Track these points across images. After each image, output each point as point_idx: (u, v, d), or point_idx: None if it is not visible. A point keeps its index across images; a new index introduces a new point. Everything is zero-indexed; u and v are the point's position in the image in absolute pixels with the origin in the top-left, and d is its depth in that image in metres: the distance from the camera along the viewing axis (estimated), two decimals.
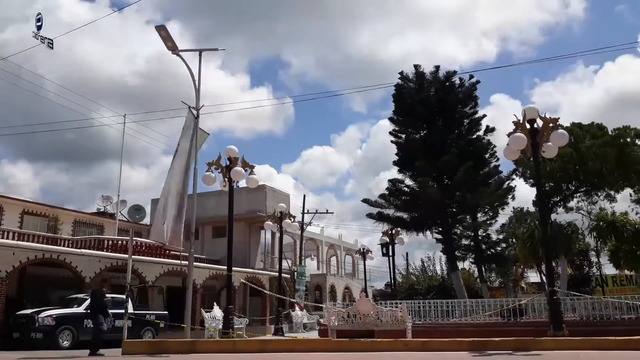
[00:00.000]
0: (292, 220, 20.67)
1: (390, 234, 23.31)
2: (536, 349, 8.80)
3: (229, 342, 11.05)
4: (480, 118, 23.25)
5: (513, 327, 13.22)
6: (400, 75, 24.03)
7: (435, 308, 15.40)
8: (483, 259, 23.64)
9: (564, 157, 22.73)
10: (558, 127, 10.84)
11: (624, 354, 8.17)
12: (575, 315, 13.95)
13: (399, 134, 23.82)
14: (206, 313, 18.67)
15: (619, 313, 13.54)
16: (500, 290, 31.70)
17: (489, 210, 23.39)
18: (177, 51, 13.31)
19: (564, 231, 19.95)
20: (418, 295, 23.76)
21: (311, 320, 25.57)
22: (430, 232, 22.90)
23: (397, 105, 23.79)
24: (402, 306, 13.00)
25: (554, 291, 10.23)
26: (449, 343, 9.65)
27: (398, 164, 23.42)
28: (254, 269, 27.83)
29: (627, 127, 26.91)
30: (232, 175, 12.91)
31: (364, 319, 12.49)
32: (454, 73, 23.40)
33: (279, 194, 30.19)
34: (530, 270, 26.48)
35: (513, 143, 10.85)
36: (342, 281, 41.64)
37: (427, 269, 33.20)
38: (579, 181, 26.44)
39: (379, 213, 23.20)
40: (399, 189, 23.21)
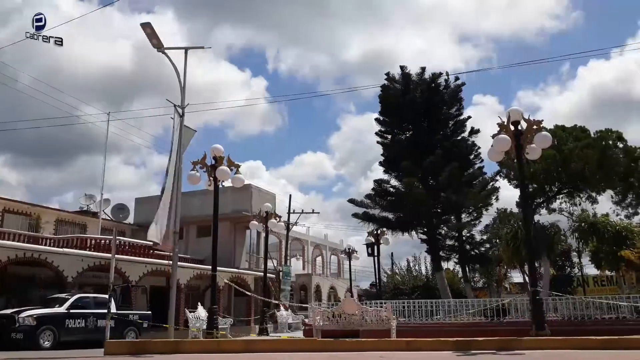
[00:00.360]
0: (278, 220, 20.63)
1: (376, 234, 23.43)
2: (519, 348, 8.89)
3: (213, 343, 10.99)
4: (465, 120, 23.46)
5: (496, 326, 13.34)
6: (386, 76, 24.14)
7: (420, 308, 15.48)
8: (467, 259, 23.84)
9: (547, 159, 23.05)
10: (541, 129, 10.97)
11: (605, 353, 8.30)
12: (557, 315, 14.13)
13: (385, 135, 23.94)
14: (190, 313, 18.54)
15: (599, 313, 13.74)
16: (483, 290, 32.00)
17: (473, 211, 23.60)
18: (163, 49, 13.19)
19: (546, 232, 20.22)
20: (403, 295, 23.86)
21: (296, 320, 25.55)
22: (416, 232, 23.04)
23: (383, 106, 23.91)
24: (387, 306, 13.05)
25: (537, 291, 10.36)
26: (433, 342, 9.71)
27: (384, 164, 23.54)
28: (239, 268, 27.73)
29: (609, 130, 27.39)
30: (217, 175, 12.83)
31: (349, 318, 12.52)
32: (439, 75, 23.56)
33: (264, 194, 30.13)
34: (513, 270, 26.77)
35: (497, 145, 10.96)
36: (328, 281, 41.69)
37: (412, 269, 33.39)
38: (562, 183, 26.82)
39: (365, 213, 23.28)
40: (384, 189, 23.33)
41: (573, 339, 9.11)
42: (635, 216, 28.01)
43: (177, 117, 12.98)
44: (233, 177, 13.34)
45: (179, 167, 12.75)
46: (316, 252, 45.44)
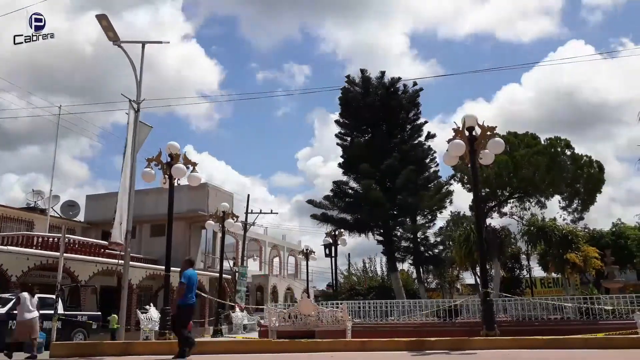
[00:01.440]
0: (235, 220, 20.39)
1: (334, 235, 23.52)
2: (470, 348, 9.11)
3: (166, 344, 10.73)
4: (422, 124, 23.94)
5: (449, 327, 13.65)
6: (346, 79, 24.36)
7: (375, 308, 15.64)
8: (421, 260, 24.27)
9: (500, 164, 23.74)
10: (495, 136, 11.29)
11: (550, 352, 8.61)
12: (507, 315, 14.59)
13: (345, 137, 24.11)
14: (142, 314, 18.08)
15: (546, 313, 14.28)
16: (436, 291, 32.64)
17: (428, 213, 24.05)
18: (119, 42, 12.81)
19: (497, 235, 20.82)
20: (359, 295, 24.03)
21: (251, 322, 25.33)
22: (372, 234, 23.29)
23: (343, 108, 24.08)
24: (343, 307, 13.12)
25: (488, 292, 10.64)
26: (387, 343, 9.82)
27: (343, 166, 23.69)
28: (194, 269, 27.21)
29: (558, 138, 28.50)
30: (172, 173, 12.55)
31: (305, 319, 12.51)
32: (398, 79, 23.95)
33: (222, 193, 29.72)
34: (465, 272, 27.43)
35: (452, 149, 11.21)
36: (285, 282, 41.57)
37: (368, 270, 33.72)
38: (513, 188, 27.72)
39: (323, 214, 23.35)
40: (343, 190, 23.48)
41: (521, 338, 9.42)
42: (580, 221, 29.26)
43: (132, 112, 12.62)
44: (189, 176, 13.08)
45: (133, 164, 12.41)
46: (274, 252, 45.25)
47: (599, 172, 29.08)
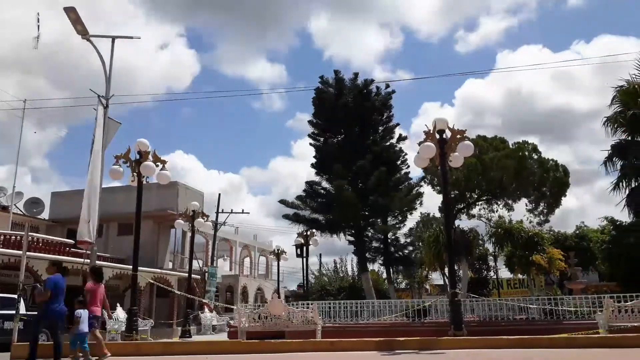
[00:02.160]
0: (205, 219, 20.14)
1: (305, 235, 23.50)
2: (438, 348, 9.23)
3: (132, 345, 10.54)
4: (394, 126, 24.17)
5: (418, 327, 13.78)
6: (320, 80, 24.38)
7: (345, 309, 15.67)
8: (391, 261, 24.50)
9: (469, 167, 24.15)
10: (465, 139, 11.46)
11: (515, 352, 8.80)
12: (474, 315, 14.83)
13: (318, 137, 24.14)
14: None
15: (512, 314, 14.57)
16: (406, 291, 33.04)
17: (398, 215, 24.29)
18: (88, 36, 12.52)
19: (466, 237, 21.20)
20: (329, 296, 24.09)
21: (221, 322, 25.08)
22: (344, 234, 23.39)
23: (316, 109, 24.10)
24: (313, 307, 13.10)
25: (456, 293, 10.78)
26: (356, 343, 9.86)
27: (316, 166, 23.72)
28: (163, 269, 26.79)
29: (526, 142, 29.13)
30: (141, 170, 12.31)
31: (275, 320, 12.43)
32: (371, 81, 24.13)
33: (192, 192, 29.32)
34: (434, 272, 27.82)
35: (423, 152, 11.34)
36: (255, 282, 41.31)
37: (339, 271, 33.84)
38: (482, 190, 28.22)
39: (295, 214, 23.31)
40: (315, 191, 23.51)
41: (488, 338, 9.59)
42: (546, 223, 30.00)
43: (100, 108, 12.35)
44: (159, 173, 12.85)
45: (102, 161, 12.13)
46: (244, 252, 44.92)
47: (564, 176, 29.87)
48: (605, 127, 20.04)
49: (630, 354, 8.03)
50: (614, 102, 20.05)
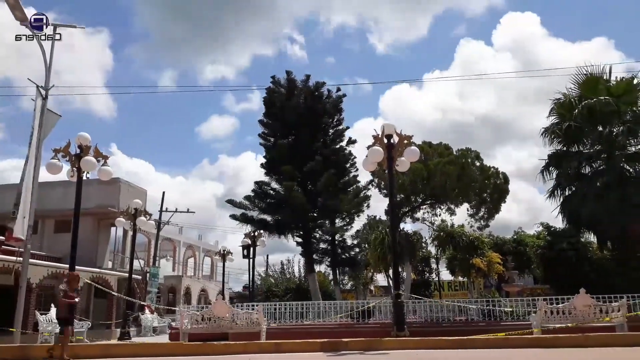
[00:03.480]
0: (148, 217, 19.53)
1: (253, 236, 23.27)
2: (382, 348, 9.37)
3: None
4: (344, 130, 24.40)
5: (362, 328, 13.95)
6: (272, 80, 24.27)
7: (291, 310, 15.65)
8: (338, 262, 24.69)
9: (414, 172, 24.72)
10: (411, 144, 11.75)
11: (456, 352, 9.07)
12: (416, 316, 15.18)
13: (268, 137, 23.99)
14: (41, 315, 16.80)
15: (452, 315, 15.03)
16: (351, 292, 33.32)
17: (346, 217, 24.52)
18: (26, 23, 11.88)
19: (410, 239, 21.64)
20: (275, 297, 23.93)
21: (162, 324, 24.42)
22: (292, 235, 23.35)
23: (267, 109, 23.96)
24: (258, 308, 13.01)
25: (399, 294, 11.00)
26: (301, 344, 9.85)
27: (265, 166, 23.56)
28: (102, 268, 25.77)
29: (469, 149, 30.16)
30: (81, 165, 11.79)
31: (219, 321, 12.24)
32: (323, 84, 24.25)
33: (135, 189, 28.39)
34: (379, 274, 28.25)
35: (371, 155, 11.53)
36: (199, 283, 40.53)
37: (286, 272, 33.72)
38: (426, 194, 28.95)
39: (243, 214, 23.05)
40: (264, 191, 23.34)
41: (429, 339, 9.84)
42: (486, 228, 31.15)
43: (39, 99, 11.74)
44: (100, 169, 12.36)
45: (39, 154, 11.54)
46: (189, 253, 43.99)
47: (504, 183, 31.16)
48: (543, 137, 21.09)
49: (561, 353, 8.45)
50: (551, 114, 21.12)
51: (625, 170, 19.34)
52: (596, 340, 9.36)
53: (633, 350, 8.39)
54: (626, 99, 19.45)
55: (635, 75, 20.10)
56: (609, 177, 18.71)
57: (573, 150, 20.59)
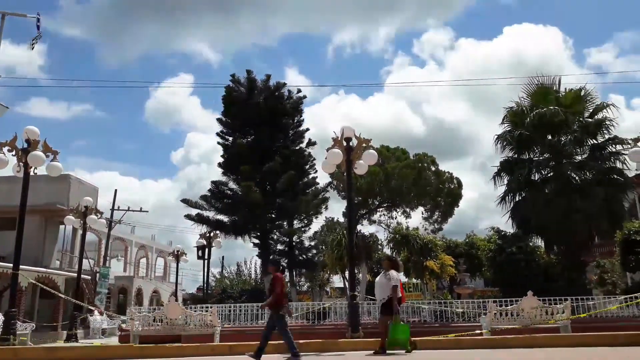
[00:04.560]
0: (99, 216, 18.89)
1: (208, 237, 22.89)
2: (336, 350, 9.40)
3: (9, 351, 9.56)
4: (304, 131, 24.42)
5: (317, 329, 13.96)
6: (231, 78, 24.03)
7: (246, 312, 15.50)
8: (295, 263, 24.65)
9: (373, 175, 25.07)
10: (370, 148, 11.87)
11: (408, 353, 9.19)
12: (371, 317, 15.32)
13: (227, 136, 23.72)
14: None
15: (406, 316, 15.24)
16: (307, 294, 33.36)
17: (304, 218, 24.54)
18: None
19: (366, 241, 21.87)
20: (230, 299, 23.65)
21: (112, 326, 23.67)
22: (249, 236, 23.13)
23: (226, 107, 23.69)
24: (212, 310, 12.81)
25: (354, 295, 11.07)
26: (254, 346, 9.74)
27: (223, 166, 23.25)
28: (49, 268, 24.72)
29: (425, 154, 30.85)
30: (29, 160, 11.27)
31: (172, 323, 11.98)
32: (284, 84, 24.23)
33: (86, 186, 27.39)
34: (335, 275, 28.44)
35: (330, 158, 11.58)
36: (151, 284, 39.55)
37: (242, 273, 33.41)
38: (383, 197, 29.42)
39: (199, 215, 22.67)
40: (221, 191, 23.04)
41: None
42: (439, 231, 31.91)
43: None
44: (48, 165, 11.86)
45: None
46: (141, 253, 42.88)
47: (458, 187, 32.05)
48: (495, 144, 21.78)
49: (509, 353, 8.72)
50: (504, 122, 21.84)
51: (572, 178, 20.21)
52: (542, 341, 9.71)
53: (576, 351, 8.75)
54: (574, 109, 20.34)
55: (583, 87, 21.07)
56: (556, 185, 19.49)
57: (524, 158, 21.34)
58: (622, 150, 19.54)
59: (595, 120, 20.29)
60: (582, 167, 20.11)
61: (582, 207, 18.52)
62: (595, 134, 20.25)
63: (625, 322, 12.89)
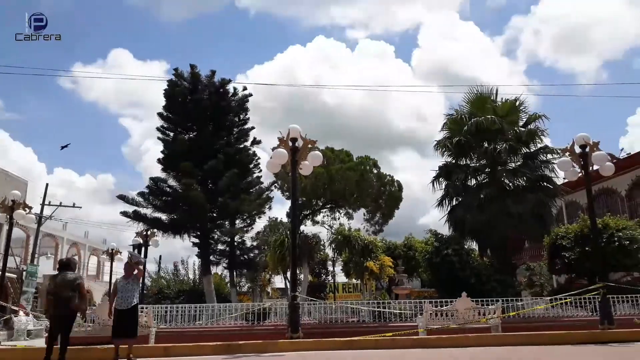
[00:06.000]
0: (28, 211, 17.80)
1: (145, 235, 22.13)
2: (276, 350, 9.36)
3: None
4: (249, 129, 24.14)
5: (257, 330, 13.84)
6: (174, 72, 23.41)
7: (183, 312, 15.13)
8: (236, 264, 24.32)
9: (317, 176, 25.20)
10: (315, 149, 11.92)
11: (347, 353, 9.29)
12: (311, 318, 15.37)
13: (167, 132, 23.06)
14: None
15: (345, 317, 15.42)
16: (247, 294, 33.03)
17: (247, 218, 24.26)
18: None
19: (309, 242, 21.93)
20: (167, 299, 23.00)
21: (38, 327, 22.36)
22: (188, 236, 22.57)
23: (168, 102, 23.04)
24: (147, 311, 12.43)
25: (295, 296, 11.06)
26: (192, 348, 9.54)
27: (163, 162, 22.57)
28: None
29: (368, 157, 31.40)
30: None
31: (103, 324, 11.51)
32: (229, 81, 23.84)
33: (14, 179, 25.91)
34: (277, 276, 28.31)
35: (275, 157, 11.52)
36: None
37: (179, 273, 32.57)
38: (327, 199, 29.65)
39: (135, 212, 21.88)
40: (160, 188, 22.36)
41: (322, 340, 10.00)
42: (380, 232, 32.55)
43: None
44: None
45: None
46: (73, 251, 40.98)
47: (399, 190, 32.85)
48: (435, 149, 22.49)
49: (443, 353, 9.00)
50: (444, 128, 22.60)
51: (505, 184, 21.18)
52: (474, 340, 10.10)
53: (506, 349, 9.16)
54: (509, 119, 21.35)
55: (518, 98, 22.16)
56: (491, 190, 20.36)
57: (461, 163, 22.16)
58: (551, 159, 20.70)
59: (528, 130, 21.39)
60: (516, 174, 21.11)
61: (514, 212, 19.43)
62: (528, 142, 21.35)
63: (551, 322, 13.64)
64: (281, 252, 19.91)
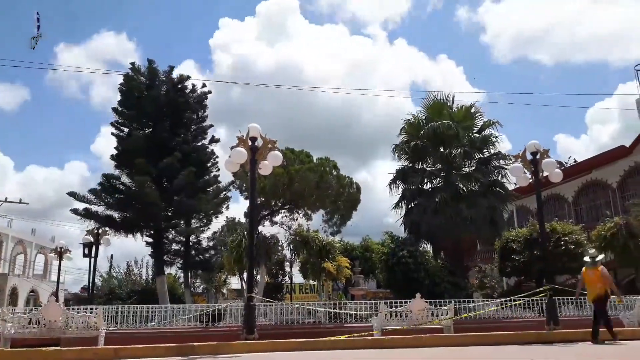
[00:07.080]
0: None
1: (96, 234, 21.39)
2: (231, 352, 9.23)
3: None
4: (208, 127, 23.80)
5: (211, 332, 13.64)
6: (131, 66, 22.81)
7: (135, 313, 14.74)
8: (191, 264, 23.90)
9: (276, 176, 25.04)
10: (275, 149, 11.84)
11: (303, 354, 9.28)
12: (267, 319, 15.28)
13: (122, 127, 22.43)
14: None
15: (302, 318, 15.42)
16: (202, 295, 32.51)
17: (204, 217, 23.89)
18: None
19: (267, 243, 21.81)
20: (118, 300, 22.33)
21: None
22: (141, 235, 22.00)
23: (123, 97, 22.44)
24: (98, 311, 12.03)
25: (251, 297, 10.95)
26: (144, 349, 9.28)
27: (116, 158, 21.93)
28: None
29: (327, 158, 31.45)
30: None
31: (50, 325, 11.05)
32: (187, 77, 23.41)
33: None
34: (233, 277, 28.00)
35: (234, 156, 11.36)
36: (29, 283, 36.34)
37: (132, 273, 31.71)
38: (286, 199, 29.50)
39: (86, 209, 21.16)
40: (113, 185, 21.71)
41: (278, 342, 9.95)
42: (338, 234, 32.68)
43: None
44: None
45: None
46: (18, 249, 39.21)
47: (357, 192, 33.08)
48: (393, 153, 22.85)
49: (397, 353, 9.12)
50: (401, 133, 22.98)
51: (459, 188, 21.74)
52: (428, 341, 10.29)
53: (458, 350, 9.38)
54: (465, 124, 21.95)
55: (473, 104, 22.81)
56: (446, 194, 20.85)
57: (418, 167, 22.60)
58: (504, 165, 21.40)
59: (483, 136, 22.04)
60: (469, 178, 21.71)
61: (467, 215, 19.96)
62: (482, 148, 22.01)
63: (501, 323, 14.10)
64: (238, 253, 19.68)
